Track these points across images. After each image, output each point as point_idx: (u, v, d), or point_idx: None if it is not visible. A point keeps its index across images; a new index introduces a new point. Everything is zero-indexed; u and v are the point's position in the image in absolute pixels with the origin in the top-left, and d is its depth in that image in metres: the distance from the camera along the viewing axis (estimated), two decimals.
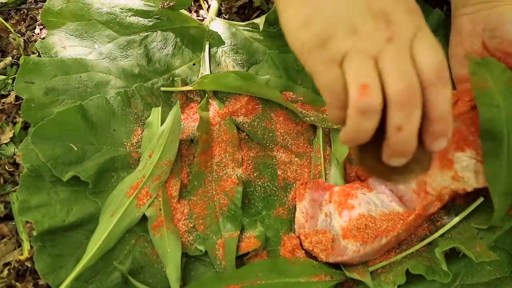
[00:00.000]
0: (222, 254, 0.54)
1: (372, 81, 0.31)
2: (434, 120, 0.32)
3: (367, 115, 0.31)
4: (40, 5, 0.81)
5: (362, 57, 0.31)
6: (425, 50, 0.31)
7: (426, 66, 0.31)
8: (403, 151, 0.33)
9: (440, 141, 0.33)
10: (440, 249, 0.50)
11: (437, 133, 0.33)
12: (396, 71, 0.31)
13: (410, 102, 0.31)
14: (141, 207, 0.55)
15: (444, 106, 0.32)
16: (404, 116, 0.31)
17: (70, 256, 0.52)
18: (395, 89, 0.31)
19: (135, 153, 0.59)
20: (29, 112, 0.59)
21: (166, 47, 0.69)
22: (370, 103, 0.31)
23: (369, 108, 0.31)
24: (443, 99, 0.32)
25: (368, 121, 0.32)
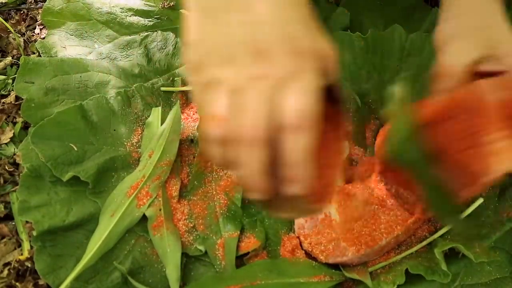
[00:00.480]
0: (222, 254, 0.54)
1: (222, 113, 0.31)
2: (284, 165, 0.32)
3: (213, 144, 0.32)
4: (40, 5, 0.81)
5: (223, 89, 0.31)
6: (293, 94, 0.31)
7: (287, 110, 0.31)
8: (253, 186, 0.33)
9: (292, 187, 0.33)
10: (439, 249, 0.50)
11: (287, 177, 0.32)
12: (250, 110, 0.30)
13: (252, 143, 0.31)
14: (141, 207, 0.55)
15: (296, 154, 0.31)
16: (243, 154, 0.31)
17: (70, 256, 0.52)
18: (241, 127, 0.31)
19: (135, 153, 0.59)
20: (29, 112, 0.60)
21: (166, 47, 0.69)
22: (215, 134, 0.31)
23: (215, 138, 0.32)
24: (296, 146, 0.31)
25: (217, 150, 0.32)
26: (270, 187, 0.33)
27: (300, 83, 0.31)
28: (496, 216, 0.55)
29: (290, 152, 0.31)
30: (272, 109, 0.31)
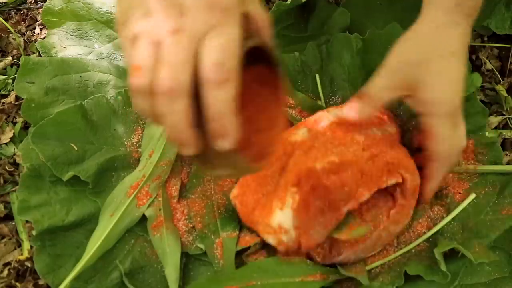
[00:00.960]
0: (220, 253, 0.54)
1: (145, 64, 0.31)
2: (207, 119, 0.32)
3: (137, 95, 0.32)
4: (40, 5, 0.81)
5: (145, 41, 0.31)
6: (211, 48, 0.31)
7: (205, 64, 0.31)
8: (176, 138, 0.33)
9: (220, 142, 0.33)
10: (439, 249, 0.50)
11: (213, 132, 0.33)
12: (167, 61, 0.31)
13: (171, 94, 0.31)
14: (140, 207, 0.55)
15: (217, 107, 0.32)
16: (164, 105, 0.31)
17: (70, 256, 0.52)
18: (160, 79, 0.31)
19: (135, 153, 0.59)
20: (29, 112, 0.60)
21: None
22: (137, 85, 0.32)
23: (138, 89, 0.32)
24: (216, 100, 0.31)
25: (141, 101, 0.32)
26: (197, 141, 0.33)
27: (218, 38, 0.31)
28: (495, 214, 0.55)
29: (211, 106, 0.32)
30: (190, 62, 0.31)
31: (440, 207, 0.57)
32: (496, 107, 0.70)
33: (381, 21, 0.72)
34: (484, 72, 0.73)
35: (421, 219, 0.57)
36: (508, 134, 0.66)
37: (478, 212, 0.56)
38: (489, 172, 0.59)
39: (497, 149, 0.61)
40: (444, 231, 0.55)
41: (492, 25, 0.71)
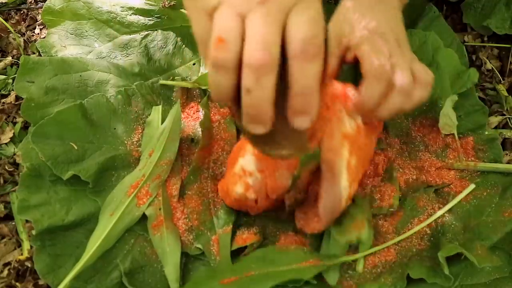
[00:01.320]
0: (217, 250, 0.54)
1: (231, 37, 0.30)
2: (293, 94, 0.31)
3: (220, 70, 0.31)
4: (40, 5, 0.81)
5: (229, 12, 0.30)
6: (299, 21, 0.30)
7: (295, 38, 0.30)
8: (255, 116, 0.32)
9: (300, 119, 0.32)
10: (443, 253, 0.50)
11: (295, 108, 0.32)
12: (256, 34, 0.30)
13: (262, 68, 0.30)
14: (140, 206, 0.55)
15: (305, 82, 0.31)
16: (253, 80, 0.30)
17: (70, 255, 0.52)
18: (249, 52, 0.30)
19: (135, 152, 0.59)
20: (29, 112, 0.59)
21: (166, 46, 0.69)
22: (222, 58, 0.30)
23: (221, 64, 0.30)
24: (305, 75, 0.30)
25: (223, 77, 0.31)
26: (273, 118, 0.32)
27: (308, 10, 0.31)
28: (497, 216, 0.55)
29: (299, 80, 0.31)
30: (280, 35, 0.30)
31: (441, 205, 0.58)
32: (496, 106, 0.70)
33: None
34: (484, 72, 0.73)
35: (422, 216, 0.57)
36: (508, 134, 0.66)
37: (479, 213, 0.56)
38: (490, 171, 0.60)
39: (497, 146, 0.61)
40: (445, 232, 0.55)
41: (492, 25, 0.71)
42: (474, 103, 0.63)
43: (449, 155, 0.61)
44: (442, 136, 0.62)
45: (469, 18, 0.74)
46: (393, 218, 0.57)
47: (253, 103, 0.31)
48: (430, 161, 0.61)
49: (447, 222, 0.56)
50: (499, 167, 0.59)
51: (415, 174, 0.60)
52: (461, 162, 0.60)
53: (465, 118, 0.63)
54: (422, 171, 0.61)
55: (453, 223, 0.56)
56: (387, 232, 0.56)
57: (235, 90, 0.32)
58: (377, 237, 0.56)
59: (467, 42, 0.75)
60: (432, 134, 0.62)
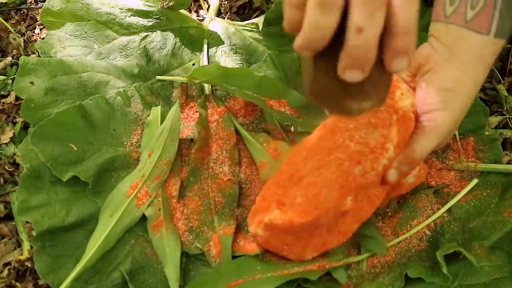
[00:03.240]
0: (217, 251, 0.54)
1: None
2: (397, 34, 0.30)
3: (326, 7, 0.29)
4: (40, 5, 0.81)
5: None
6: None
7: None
8: (362, 59, 0.31)
9: (401, 60, 0.32)
10: (441, 252, 0.50)
11: (398, 49, 0.31)
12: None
13: (373, 2, 0.29)
14: (140, 206, 0.55)
15: (410, 20, 0.30)
16: (366, 16, 0.29)
17: (70, 256, 0.52)
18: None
19: (135, 153, 0.59)
20: (29, 112, 0.60)
21: (165, 47, 0.69)
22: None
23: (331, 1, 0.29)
24: (409, 13, 0.30)
25: (328, 15, 0.29)
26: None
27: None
28: (497, 216, 0.55)
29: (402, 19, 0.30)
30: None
31: (440, 206, 0.58)
32: (496, 106, 0.70)
33: None
34: None
35: (421, 217, 0.57)
36: (508, 134, 0.66)
37: (479, 214, 0.56)
38: (490, 171, 0.60)
39: (497, 146, 0.61)
40: (444, 232, 0.55)
41: None
42: (475, 103, 0.63)
43: (449, 156, 0.61)
44: None
45: None
46: (391, 220, 0.57)
47: (363, 43, 0.30)
48: (431, 162, 0.61)
49: (446, 223, 0.56)
50: (499, 168, 0.59)
51: None
52: (461, 164, 0.60)
53: (466, 118, 0.62)
54: None
55: (452, 223, 0.56)
56: (385, 233, 0.56)
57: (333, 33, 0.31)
58: None
59: None
60: None
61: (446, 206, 0.57)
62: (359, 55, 0.30)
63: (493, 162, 0.60)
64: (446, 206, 0.57)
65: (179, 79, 0.65)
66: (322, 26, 0.30)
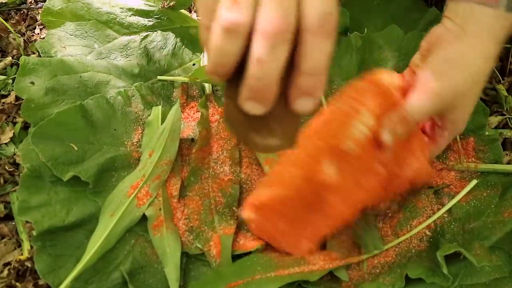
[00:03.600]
0: (217, 251, 0.54)
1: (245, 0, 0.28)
2: (302, 72, 0.29)
3: (229, 34, 0.28)
4: (40, 5, 0.81)
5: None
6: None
7: (311, 12, 0.28)
8: (261, 92, 0.29)
9: (305, 101, 0.30)
10: (441, 252, 0.50)
11: (302, 88, 0.30)
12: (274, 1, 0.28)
13: (278, 36, 0.28)
14: (141, 206, 0.55)
15: (318, 60, 0.29)
16: (267, 48, 0.28)
17: (70, 256, 0.52)
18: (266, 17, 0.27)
19: (135, 153, 0.59)
20: (29, 112, 0.60)
21: (166, 47, 0.69)
22: (236, 21, 0.28)
23: (234, 27, 0.28)
24: (319, 52, 0.29)
25: (231, 42, 0.28)
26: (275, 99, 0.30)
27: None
28: (497, 216, 0.55)
29: (313, 58, 0.29)
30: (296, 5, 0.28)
31: (440, 206, 0.58)
32: (496, 106, 0.70)
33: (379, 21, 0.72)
34: None
35: (421, 217, 0.57)
36: (508, 134, 0.66)
37: (479, 214, 0.56)
38: (490, 171, 0.60)
39: (498, 147, 0.61)
40: (444, 232, 0.56)
41: None
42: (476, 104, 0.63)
43: (449, 156, 0.61)
44: None
45: None
46: (391, 220, 0.57)
47: (262, 75, 0.29)
48: (431, 163, 0.61)
49: (447, 223, 0.56)
50: (499, 168, 0.59)
51: None
52: (461, 164, 0.60)
53: None
54: None
55: (453, 224, 0.56)
56: (386, 234, 0.56)
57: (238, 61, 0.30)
58: None
59: None
60: None
61: (446, 206, 0.57)
62: (258, 87, 0.29)
63: (493, 162, 0.60)
64: (447, 207, 0.57)
65: (180, 79, 0.65)
66: (226, 52, 0.29)
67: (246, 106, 0.30)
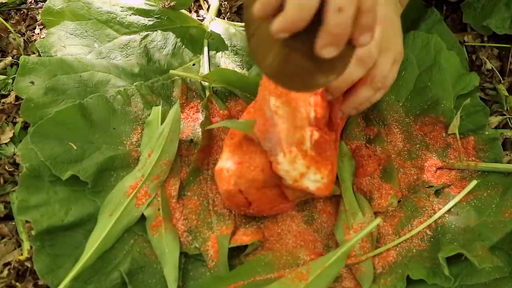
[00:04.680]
0: (214, 251, 0.54)
1: None
2: (364, 11, 0.33)
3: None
4: (40, 5, 0.81)
5: None
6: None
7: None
8: (340, 37, 0.33)
9: (367, 36, 0.34)
10: (443, 254, 0.50)
11: (365, 25, 0.34)
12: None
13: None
14: (139, 206, 0.55)
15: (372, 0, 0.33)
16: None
17: (69, 256, 0.52)
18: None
19: (134, 152, 0.59)
20: (29, 112, 0.59)
21: (166, 47, 0.69)
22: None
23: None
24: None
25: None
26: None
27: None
28: (498, 216, 0.55)
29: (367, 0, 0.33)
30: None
31: (441, 206, 0.57)
32: (496, 106, 0.70)
33: None
34: (484, 72, 0.73)
35: (422, 217, 0.57)
36: (508, 134, 0.66)
37: (480, 214, 0.56)
38: (490, 171, 0.60)
39: (498, 146, 0.61)
40: (445, 232, 0.55)
41: (492, 25, 0.71)
42: (475, 104, 0.64)
43: (449, 155, 0.61)
44: (444, 136, 0.62)
45: (469, 18, 0.74)
46: (392, 219, 0.57)
47: (342, 22, 0.32)
48: (431, 160, 0.61)
49: (447, 223, 0.56)
50: (499, 167, 0.59)
51: (415, 174, 0.60)
52: (461, 162, 0.60)
53: (466, 118, 0.63)
54: (423, 171, 0.61)
55: (453, 223, 0.56)
56: (387, 233, 0.56)
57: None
58: (377, 239, 0.56)
59: (467, 42, 0.75)
60: (433, 133, 0.63)
61: (447, 206, 0.57)
62: (339, 32, 0.33)
63: (493, 161, 0.60)
64: (447, 206, 0.57)
65: (193, 76, 0.65)
66: (307, 6, 0.32)
67: (324, 51, 0.34)
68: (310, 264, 0.51)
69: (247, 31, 0.37)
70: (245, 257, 0.54)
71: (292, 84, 0.38)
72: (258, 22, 0.36)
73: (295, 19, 0.32)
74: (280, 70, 0.36)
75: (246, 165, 0.52)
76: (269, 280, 0.51)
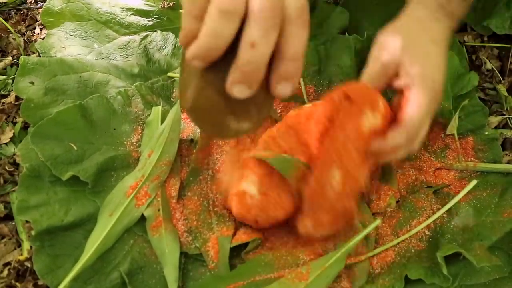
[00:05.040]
0: (214, 252, 0.54)
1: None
2: (285, 59, 0.31)
3: (227, 16, 0.29)
4: (40, 5, 0.81)
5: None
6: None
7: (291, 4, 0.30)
8: (251, 75, 0.31)
9: (285, 86, 0.32)
10: (441, 253, 0.50)
11: (284, 74, 0.32)
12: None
13: (270, 21, 0.29)
14: (140, 207, 0.55)
15: (298, 48, 0.31)
16: (261, 33, 0.29)
17: (69, 256, 0.52)
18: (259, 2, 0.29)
19: (135, 153, 0.59)
20: (29, 112, 0.60)
21: (165, 47, 0.69)
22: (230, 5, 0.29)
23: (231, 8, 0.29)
24: (299, 40, 0.31)
25: (227, 24, 0.30)
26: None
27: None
28: (497, 216, 0.55)
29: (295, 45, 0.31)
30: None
31: (440, 206, 0.58)
32: (496, 106, 0.70)
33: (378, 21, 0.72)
34: (484, 72, 0.73)
35: (421, 217, 0.57)
36: (508, 134, 0.66)
37: (479, 214, 0.56)
38: (489, 171, 0.60)
39: (497, 146, 0.61)
40: (444, 232, 0.55)
41: (492, 25, 0.71)
42: (475, 104, 0.64)
43: (448, 155, 0.61)
44: (442, 137, 0.62)
45: (469, 18, 0.74)
46: (391, 220, 0.57)
47: (254, 59, 0.30)
48: (430, 161, 0.61)
49: (446, 223, 0.56)
50: (498, 167, 0.59)
51: (414, 175, 0.60)
52: (460, 163, 0.60)
53: (465, 118, 0.63)
54: (421, 172, 0.61)
55: (452, 224, 0.56)
56: (385, 233, 0.56)
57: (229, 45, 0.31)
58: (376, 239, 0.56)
59: (467, 42, 0.75)
60: (431, 134, 0.63)
61: (446, 206, 0.57)
62: (249, 70, 0.30)
63: (492, 162, 0.60)
64: (446, 207, 0.57)
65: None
66: (221, 35, 0.30)
67: (234, 89, 0.31)
68: (310, 264, 0.51)
69: (181, 67, 0.36)
70: (246, 255, 0.54)
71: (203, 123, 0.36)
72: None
73: (208, 46, 0.30)
74: (194, 104, 0.34)
75: (272, 202, 0.51)
76: (269, 280, 0.51)
